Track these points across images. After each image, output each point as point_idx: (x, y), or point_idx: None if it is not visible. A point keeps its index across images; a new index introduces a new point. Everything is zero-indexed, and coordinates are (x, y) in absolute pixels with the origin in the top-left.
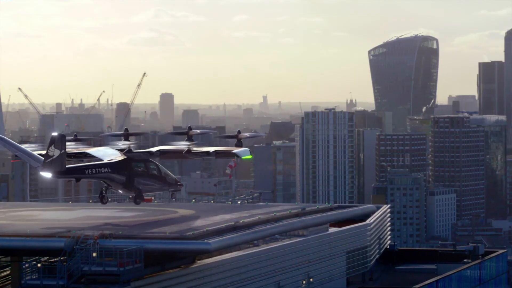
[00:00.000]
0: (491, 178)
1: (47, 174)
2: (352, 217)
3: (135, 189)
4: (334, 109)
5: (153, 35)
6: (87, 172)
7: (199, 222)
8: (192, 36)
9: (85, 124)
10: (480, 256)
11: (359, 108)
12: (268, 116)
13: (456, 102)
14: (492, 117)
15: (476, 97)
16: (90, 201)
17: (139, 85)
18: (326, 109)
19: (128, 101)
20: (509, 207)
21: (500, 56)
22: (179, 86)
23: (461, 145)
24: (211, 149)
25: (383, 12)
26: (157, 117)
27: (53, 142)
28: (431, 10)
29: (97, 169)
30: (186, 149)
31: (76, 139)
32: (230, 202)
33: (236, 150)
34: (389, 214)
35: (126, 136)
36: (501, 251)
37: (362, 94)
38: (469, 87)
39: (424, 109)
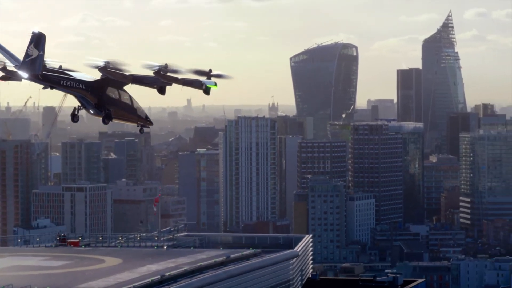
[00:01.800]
0: (409, 184)
1: (24, 74)
2: (275, 262)
3: (105, 110)
4: (257, 116)
5: (80, 39)
6: (62, 83)
7: (125, 275)
8: (119, 40)
9: (12, 130)
10: (399, 287)
11: (281, 113)
12: (192, 119)
13: (375, 107)
14: (410, 124)
15: (395, 101)
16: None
17: (65, 94)
18: (249, 117)
19: (55, 104)
20: (427, 211)
21: (418, 62)
22: None
23: (380, 151)
24: (180, 76)
25: (305, 17)
26: (84, 120)
27: (32, 40)
28: (352, 15)
29: (72, 82)
30: (157, 69)
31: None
32: (156, 247)
33: (202, 80)
34: (311, 244)
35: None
36: (420, 280)
37: (284, 97)
38: (388, 91)
39: (344, 114)
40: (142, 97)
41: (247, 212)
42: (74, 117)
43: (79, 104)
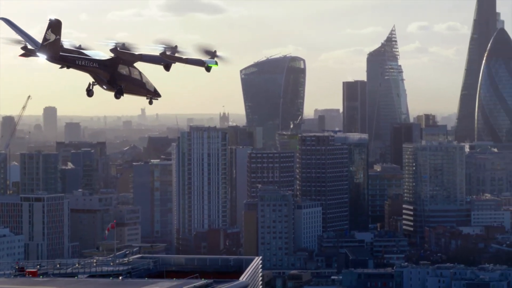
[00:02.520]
0: (354, 192)
1: (43, 56)
2: None
3: (117, 85)
4: (208, 127)
5: None
6: (77, 63)
7: None
8: None
9: None
10: None
11: (231, 123)
12: (146, 128)
13: (322, 117)
14: (355, 135)
15: (341, 111)
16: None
17: (24, 107)
18: (201, 128)
19: (14, 114)
20: (371, 218)
21: (363, 73)
22: (62, 98)
23: (326, 162)
24: (184, 56)
25: (255, 29)
26: (41, 129)
27: (50, 26)
28: (300, 28)
29: (86, 61)
30: (163, 50)
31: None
32: (111, 278)
33: (205, 59)
34: (260, 266)
35: None
36: None
37: (235, 107)
38: (334, 101)
39: (292, 125)
40: (96, 106)
41: (199, 220)
42: (89, 92)
43: (93, 80)
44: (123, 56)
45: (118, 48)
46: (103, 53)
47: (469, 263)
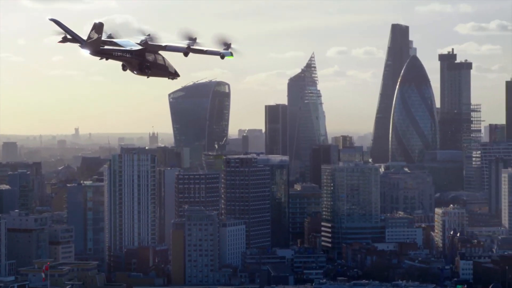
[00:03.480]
0: (276, 210)
1: (86, 51)
2: None
3: (145, 70)
4: (138, 149)
5: None
6: (114, 54)
7: None
8: (13, 74)
9: None
10: None
11: (160, 143)
12: (79, 147)
13: (245, 137)
14: (277, 157)
15: (263, 131)
16: None
17: None
18: (132, 150)
19: None
20: (292, 235)
21: (284, 96)
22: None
23: (250, 182)
24: (205, 48)
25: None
26: None
27: (94, 28)
28: None
29: (121, 53)
30: (186, 47)
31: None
32: None
33: (222, 51)
34: None
35: None
36: None
37: (164, 126)
38: (258, 122)
39: (217, 146)
40: (32, 125)
41: (130, 238)
42: (124, 67)
43: (124, 64)
44: (151, 47)
45: (148, 42)
46: (132, 42)
47: (384, 278)
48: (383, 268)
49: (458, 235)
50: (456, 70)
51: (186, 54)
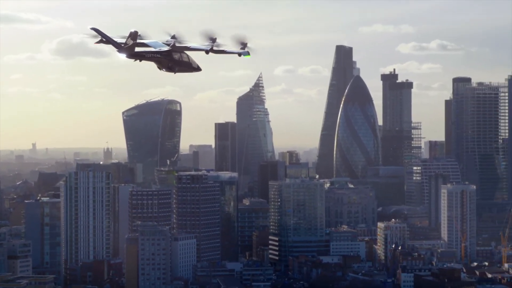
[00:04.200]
0: (225, 225)
1: (122, 55)
2: None
3: (172, 67)
4: (93, 165)
5: None
6: (146, 56)
7: None
8: None
9: None
10: None
11: (115, 159)
12: (36, 162)
13: (196, 153)
14: (227, 174)
15: (213, 147)
16: None
17: None
18: (87, 166)
19: None
20: (241, 248)
21: (233, 113)
22: None
23: (200, 198)
24: (227, 48)
25: (135, 71)
26: None
27: (130, 35)
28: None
29: (152, 54)
30: (209, 48)
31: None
32: None
33: (240, 51)
34: None
35: None
36: None
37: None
38: (207, 137)
39: (169, 162)
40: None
41: (85, 252)
42: (160, 69)
43: (157, 65)
44: (177, 49)
45: (175, 44)
46: (161, 43)
47: None
48: (328, 281)
49: (399, 248)
50: (397, 90)
51: (207, 52)
